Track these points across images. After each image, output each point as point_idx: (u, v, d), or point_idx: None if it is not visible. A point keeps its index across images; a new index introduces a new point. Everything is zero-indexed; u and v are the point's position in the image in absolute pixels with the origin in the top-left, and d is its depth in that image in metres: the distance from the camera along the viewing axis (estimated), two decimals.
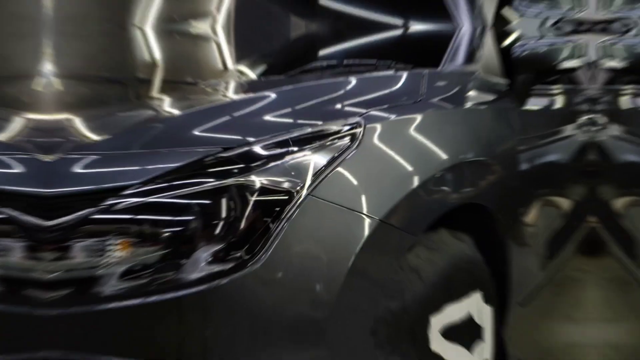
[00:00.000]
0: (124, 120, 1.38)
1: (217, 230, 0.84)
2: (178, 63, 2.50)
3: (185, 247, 0.83)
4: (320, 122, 1.03)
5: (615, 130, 2.93)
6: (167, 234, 0.84)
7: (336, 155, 0.96)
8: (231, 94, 1.68)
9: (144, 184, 0.86)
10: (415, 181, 1.08)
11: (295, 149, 0.93)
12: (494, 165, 1.41)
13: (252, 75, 2.38)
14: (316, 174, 0.92)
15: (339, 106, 1.16)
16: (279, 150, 0.92)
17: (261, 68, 2.48)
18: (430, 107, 1.28)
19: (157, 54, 2.49)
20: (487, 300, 1.42)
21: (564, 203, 2.08)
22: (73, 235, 0.84)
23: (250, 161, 0.90)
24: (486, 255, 1.42)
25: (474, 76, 1.63)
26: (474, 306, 1.35)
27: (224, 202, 0.85)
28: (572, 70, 1.73)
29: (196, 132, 1.02)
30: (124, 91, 1.97)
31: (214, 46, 2.75)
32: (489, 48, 1.83)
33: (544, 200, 1.83)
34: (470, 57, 1.71)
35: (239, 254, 0.83)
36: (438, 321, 1.18)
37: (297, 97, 1.22)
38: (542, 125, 1.89)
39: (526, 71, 1.72)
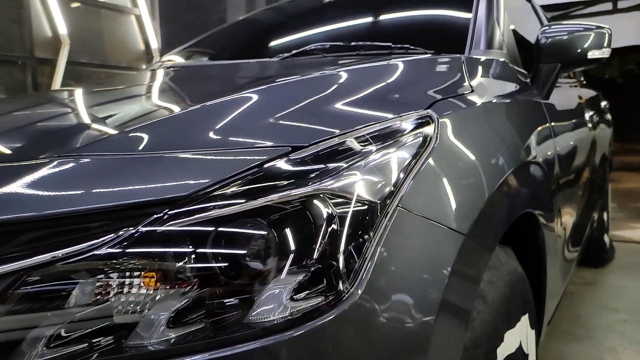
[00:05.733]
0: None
1: (297, 255, 0.69)
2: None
3: (254, 281, 0.69)
4: (383, 115, 0.92)
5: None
6: (225, 264, 0.69)
7: (415, 155, 0.87)
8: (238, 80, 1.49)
9: (192, 198, 0.71)
10: (491, 187, 1.00)
11: (375, 148, 0.82)
12: (541, 165, 1.40)
13: (180, 59, 2.22)
14: (401, 180, 0.81)
15: (392, 96, 1.06)
16: (358, 150, 0.80)
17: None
18: (487, 98, 1.22)
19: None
20: (532, 323, 1.40)
21: (579, 206, 2.15)
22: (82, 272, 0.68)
23: (327, 164, 0.76)
24: (526, 270, 1.40)
25: (505, 64, 1.61)
26: (524, 332, 1.32)
27: (304, 217, 0.70)
28: (598, 60, 1.77)
29: (228, 129, 0.88)
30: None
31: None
32: (508, 33, 1.83)
33: (568, 203, 1.86)
34: (491, 41, 1.69)
35: (330, 286, 0.69)
36: (501, 354, 1.13)
37: (333, 85, 1.10)
38: (566, 119, 1.93)
39: (551, 60, 1.74)
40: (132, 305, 0.68)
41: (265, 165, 0.75)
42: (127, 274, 0.69)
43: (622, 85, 12.79)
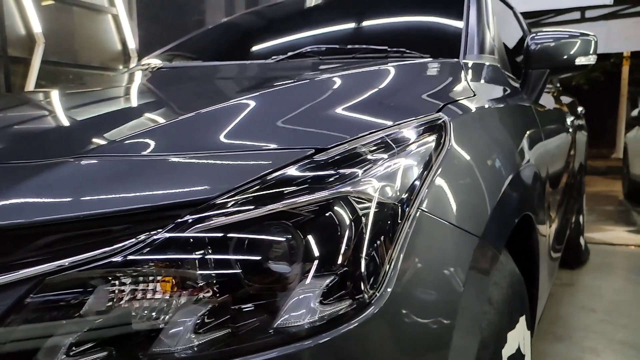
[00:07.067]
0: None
1: (326, 259, 0.67)
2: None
3: (281, 285, 0.67)
4: (397, 118, 0.92)
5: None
6: (251, 268, 0.67)
7: (431, 158, 0.86)
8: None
9: (216, 201, 0.69)
10: (499, 189, 1.01)
11: (395, 150, 0.81)
12: (536, 168, 1.42)
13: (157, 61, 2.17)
14: (420, 182, 0.81)
15: (402, 99, 1.06)
16: (379, 153, 0.79)
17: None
18: (488, 102, 1.23)
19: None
20: (528, 324, 1.42)
21: (562, 209, 2.19)
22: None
23: (350, 166, 0.76)
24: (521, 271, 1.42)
25: (498, 69, 1.63)
26: (521, 333, 1.34)
27: (331, 220, 0.69)
28: (585, 67, 1.81)
29: (242, 130, 0.86)
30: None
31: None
32: (498, 38, 1.86)
33: (555, 205, 1.90)
34: (483, 46, 1.71)
35: (359, 289, 0.68)
36: (505, 355, 1.14)
37: (343, 88, 1.09)
38: (552, 124, 1.97)
39: (540, 66, 1.77)
40: (155, 312, 0.66)
41: (290, 167, 0.74)
42: (150, 279, 0.66)
43: (588, 92, 13.19)
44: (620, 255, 3.99)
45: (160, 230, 0.67)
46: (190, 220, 0.68)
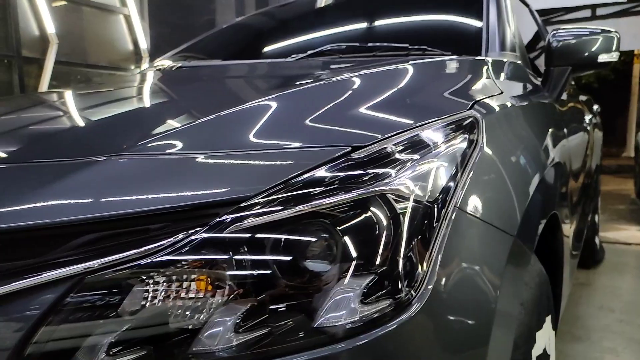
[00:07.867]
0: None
1: (366, 257, 0.66)
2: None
3: (321, 285, 0.66)
4: (429, 116, 0.91)
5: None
6: (290, 267, 0.66)
7: (465, 156, 0.85)
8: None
9: (258, 199, 0.67)
10: (531, 188, 1.00)
11: (432, 148, 0.80)
12: (562, 166, 1.41)
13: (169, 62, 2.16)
14: (456, 180, 0.80)
15: (431, 97, 1.04)
16: (414, 151, 0.77)
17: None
18: (515, 100, 1.22)
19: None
20: (553, 324, 1.40)
21: (581, 207, 2.17)
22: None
23: (387, 164, 0.75)
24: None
25: (520, 66, 1.61)
26: (547, 333, 1.32)
27: (370, 218, 0.68)
28: (607, 64, 1.78)
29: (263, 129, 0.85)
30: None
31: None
32: (518, 35, 1.84)
33: (576, 204, 1.87)
34: (504, 43, 1.70)
35: (399, 288, 0.67)
36: (534, 355, 1.12)
37: (372, 86, 1.07)
38: (573, 122, 1.95)
39: (562, 63, 1.75)
40: (194, 311, 0.65)
41: (327, 165, 0.73)
42: (187, 278, 0.66)
43: (597, 90, 13.09)
44: (635, 255, 3.95)
45: (199, 229, 0.66)
46: (228, 220, 0.67)
